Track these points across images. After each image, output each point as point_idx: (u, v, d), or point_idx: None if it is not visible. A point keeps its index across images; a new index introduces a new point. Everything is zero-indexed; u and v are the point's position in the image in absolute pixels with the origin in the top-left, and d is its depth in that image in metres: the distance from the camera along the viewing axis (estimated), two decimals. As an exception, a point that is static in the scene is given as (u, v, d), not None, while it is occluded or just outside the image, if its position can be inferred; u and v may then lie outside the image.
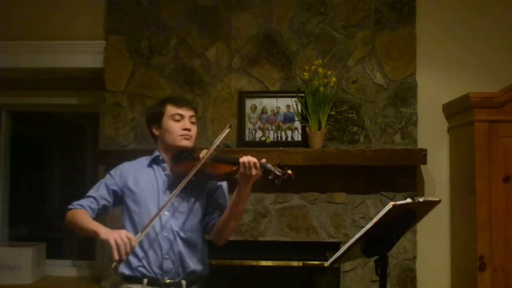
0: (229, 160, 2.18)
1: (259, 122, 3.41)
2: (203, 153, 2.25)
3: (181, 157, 2.30)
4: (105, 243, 2.04)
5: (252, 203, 3.29)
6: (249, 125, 3.40)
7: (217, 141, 2.24)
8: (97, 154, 3.42)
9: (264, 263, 3.34)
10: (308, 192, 3.31)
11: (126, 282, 2.26)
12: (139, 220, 2.23)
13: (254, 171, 2.07)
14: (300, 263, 3.36)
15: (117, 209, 2.40)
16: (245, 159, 2.08)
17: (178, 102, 2.32)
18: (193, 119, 2.33)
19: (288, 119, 3.39)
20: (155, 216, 2.13)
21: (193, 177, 2.17)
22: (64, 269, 3.89)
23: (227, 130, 2.25)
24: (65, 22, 3.64)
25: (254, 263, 3.33)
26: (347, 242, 1.96)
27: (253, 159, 2.08)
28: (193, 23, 3.49)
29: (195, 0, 3.49)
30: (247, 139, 3.38)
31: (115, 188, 2.30)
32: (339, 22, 3.44)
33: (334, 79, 3.28)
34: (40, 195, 4.29)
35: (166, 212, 2.23)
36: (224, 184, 2.39)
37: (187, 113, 2.30)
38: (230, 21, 3.48)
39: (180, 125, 2.28)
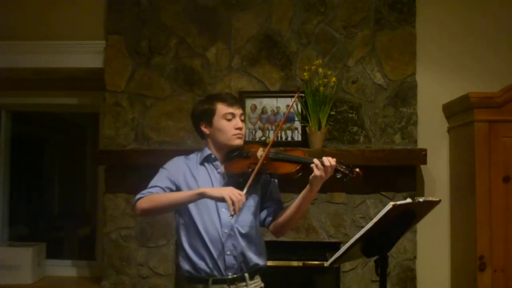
0: (296, 159, 2.17)
1: (259, 122, 3.42)
2: (260, 151, 2.25)
3: (234, 155, 2.29)
4: (218, 200, 2.10)
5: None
6: (249, 125, 3.40)
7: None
8: (97, 154, 3.41)
9: (264, 263, 3.35)
10: (308, 192, 3.31)
11: (190, 283, 2.26)
12: (198, 219, 2.23)
13: (330, 172, 2.08)
14: (300, 263, 3.36)
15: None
16: (323, 160, 2.07)
17: (228, 100, 2.30)
18: (242, 117, 2.33)
19: (288, 119, 3.39)
20: (251, 179, 2.14)
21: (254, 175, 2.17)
22: (64, 269, 3.89)
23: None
24: (65, 22, 3.63)
25: (254, 263, 3.33)
26: (347, 242, 1.96)
27: (329, 160, 2.07)
28: (193, 23, 3.49)
29: (195, 0, 3.49)
30: (247, 139, 3.37)
31: (174, 181, 2.28)
32: (339, 22, 3.44)
33: (334, 79, 3.28)
34: (40, 195, 4.29)
35: (224, 209, 2.22)
36: None
37: (237, 111, 2.30)
38: (230, 21, 3.47)
39: (232, 124, 2.27)
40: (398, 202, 1.84)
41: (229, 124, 2.27)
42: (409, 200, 1.93)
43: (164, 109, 3.46)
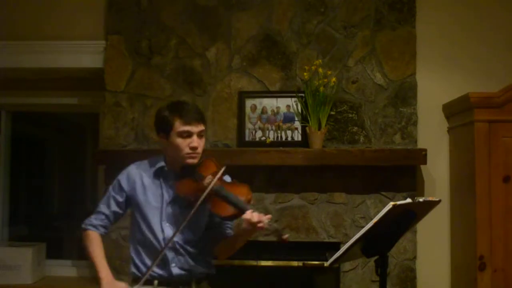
0: (234, 203, 2.11)
1: (259, 122, 3.41)
2: (208, 180, 2.16)
3: (185, 173, 2.23)
4: None
5: (252, 203, 3.29)
6: (249, 125, 3.40)
7: (217, 178, 2.16)
8: (97, 154, 3.41)
9: (264, 263, 3.34)
10: (308, 192, 3.31)
11: (137, 284, 2.26)
12: (144, 230, 2.26)
13: (257, 230, 2.07)
14: (300, 263, 3.36)
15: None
16: (252, 217, 2.03)
17: (185, 117, 2.20)
18: (202, 133, 2.25)
19: (288, 119, 3.39)
20: (155, 262, 2.17)
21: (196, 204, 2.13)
22: (64, 269, 3.89)
23: (223, 170, 2.20)
24: (65, 22, 3.63)
25: (254, 263, 3.32)
26: (347, 242, 1.96)
27: (259, 219, 2.03)
28: (193, 23, 3.49)
29: (195, 0, 3.49)
30: (247, 139, 3.38)
31: (123, 199, 2.33)
32: (339, 22, 3.44)
33: (334, 79, 3.28)
34: (40, 195, 4.29)
35: (168, 224, 2.24)
36: None
37: (195, 129, 2.20)
38: (230, 21, 3.47)
39: (187, 143, 2.19)
40: (398, 202, 1.84)
41: (184, 142, 2.19)
42: (409, 200, 1.94)
43: (164, 109, 3.46)
